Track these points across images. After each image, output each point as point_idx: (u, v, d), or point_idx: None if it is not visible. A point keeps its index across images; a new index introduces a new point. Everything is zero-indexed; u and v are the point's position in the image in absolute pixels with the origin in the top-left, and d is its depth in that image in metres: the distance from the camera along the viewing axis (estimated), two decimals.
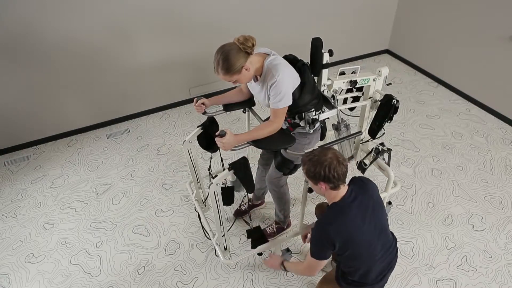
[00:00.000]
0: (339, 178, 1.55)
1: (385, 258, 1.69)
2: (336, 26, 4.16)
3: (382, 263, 1.68)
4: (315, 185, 1.60)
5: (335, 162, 1.53)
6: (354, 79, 2.23)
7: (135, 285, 2.30)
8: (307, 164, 1.58)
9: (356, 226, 1.56)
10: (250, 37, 1.69)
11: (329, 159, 1.53)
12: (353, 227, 1.56)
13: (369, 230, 1.60)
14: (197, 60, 3.66)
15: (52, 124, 3.42)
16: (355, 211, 1.57)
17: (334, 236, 1.54)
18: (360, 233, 1.57)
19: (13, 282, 2.35)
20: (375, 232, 1.62)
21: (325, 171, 1.52)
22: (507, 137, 3.35)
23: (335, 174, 1.52)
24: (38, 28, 2.89)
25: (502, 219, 2.63)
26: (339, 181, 1.56)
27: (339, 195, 1.60)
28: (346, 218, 1.56)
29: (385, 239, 1.69)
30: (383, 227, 1.67)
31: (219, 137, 1.75)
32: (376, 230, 1.62)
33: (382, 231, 1.66)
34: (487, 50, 3.48)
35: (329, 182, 1.55)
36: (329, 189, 1.58)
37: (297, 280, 2.29)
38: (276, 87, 1.74)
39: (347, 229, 1.55)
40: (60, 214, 2.78)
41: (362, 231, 1.58)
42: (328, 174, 1.52)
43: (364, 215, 1.59)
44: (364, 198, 1.61)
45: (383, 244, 1.67)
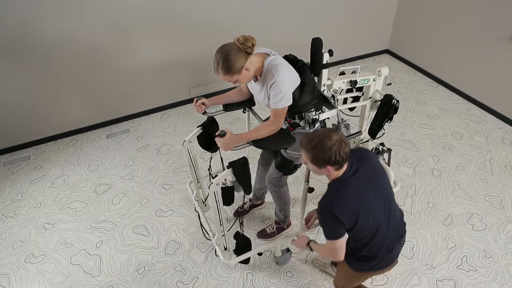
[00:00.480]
0: (346, 159, 1.52)
1: (392, 228, 1.66)
2: (336, 26, 4.16)
3: (390, 234, 1.66)
4: (319, 169, 1.55)
5: (343, 144, 1.49)
6: (354, 79, 2.23)
7: (135, 285, 2.30)
8: (311, 151, 1.51)
9: (360, 198, 1.54)
10: (250, 37, 1.69)
11: (336, 143, 1.48)
12: (357, 199, 1.54)
13: (374, 199, 1.57)
14: (197, 60, 3.66)
15: (52, 124, 3.42)
16: (357, 184, 1.55)
17: (340, 215, 1.51)
18: (364, 204, 1.55)
19: (13, 282, 2.35)
20: (380, 201, 1.59)
21: (335, 156, 1.48)
22: (507, 137, 3.35)
23: (344, 156, 1.49)
24: (38, 28, 2.89)
25: (502, 219, 2.63)
26: (345, 161, 1.53)
27: (341, 172, 1.57)
28: (348, 193, 1.54)
29: (391, 208, 1.65)
30: (388, 195, 1.64)
31: (219, 137, 1.75)
32: (381, 199, 1.60)
33: (387, 200, 1.63)
34: (487, 50, 3.47)
35: (336, 165, 1.51)
36: (333, 170, 1.55)
37: (297, 280, 2.29)
38: (276, 87, 1.74)
39: (351, 204, 1.53)
40: (60, 214, 2.78)
41: (367, 200, 1.55)
42: (338, 158, 1.49)
43: (368, 185, 1.57)
44: (365, 168, 1.59)
45: (389, 214, 1.64)
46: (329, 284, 2.27)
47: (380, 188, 1.61)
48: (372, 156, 1.66)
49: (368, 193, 1.56)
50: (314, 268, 2.36)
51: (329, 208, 1.53)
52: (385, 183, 1.64)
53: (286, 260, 2.38)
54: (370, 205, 1.56)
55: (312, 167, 1.57)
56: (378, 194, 1.59)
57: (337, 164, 1.51)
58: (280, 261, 2.35)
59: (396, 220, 1.69)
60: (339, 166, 1.52)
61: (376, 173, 1.62)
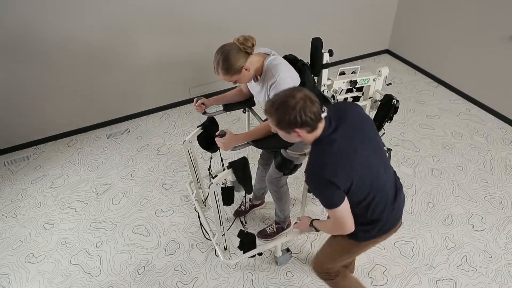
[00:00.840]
0: (316, 119, 1.35)
1: (391, 181, 1.54)
2: (336, 26, 4.16)
3: (390, 188, 1.53)
4: (288, 135, 1.40)
5: (308, 102, 1.33)
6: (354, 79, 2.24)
7: (135, 285, 2.30)
8: (275, 114, 1.36)
9: (348, 155, 1.39)
10: (250, 37, 1.69)
11: (300, 102, 1.32)
12: (345, 157, 1.39)
13: (364, 152, 1.43)
14: (197, 60, 3.66)
15: (52, 124, 3.42)
16: (340, 141, 1.40)
17: (332, 176, 1.36)
18: (355, 160, 1.40)
19: (13, 282, 2.35)
20: (371, 152, 1.46)
21: (301, 116, 1.32)
22: (507, 137, 3.35)
23: (312, 115, 1.33)
24: (37, 28, 2.89)
25: (502, 219, 2.63)
26: (317, 122, 1.37)
27: (318, 132, 1.41)
28: (333, 150, 1.38)
29: (384, 158, 1.52)
30: (377, 143, 1.51)
31: (219, 137, 1.75)
32: (372, 149, 1.46)
33: (378, 149, 1.50)
34: (487, 50, 3.48)
35: (305, 126, 1.35)
36: (306, 133, 1.39)
37: (297, 280, 2.29)
38: (276, 87, 1.75)
39: (340, 162, 1.38)
40: (60, 214, 2.78)
41: (357, 155, 1.41)
42: (305, 119, 1.32)
43: (352, 139, 1.42)
44: (346, 124, 1.44)
45: (384, 164, 1.51)
46: None
47: (367, 138, 1.47)
48: (352, 108, 1.51)
49: (355, 149, 1.41)
50: None
51: (319, 173, 1.37)
52: (371, 132, 1.49)
53: (286, 260, 2.38)
54: (362, 161, 1.42)
55: (282, 133, 1.42)
56: (366, 146, 1.45)
57: (306, 126, 1.35)
58: (280, 261, 2.36)
59: (392, 170, 1.56)
60: (309, 127, 1.36)
61: (359, 123, 1.46)
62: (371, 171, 1.45)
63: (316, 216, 2.68)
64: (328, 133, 1.40)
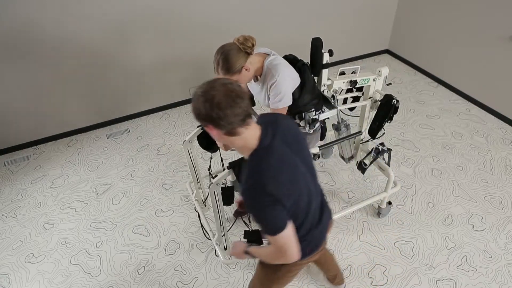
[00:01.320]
0: (239, 121, 1.15)
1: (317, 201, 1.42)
2: (336, 26, 4.16)
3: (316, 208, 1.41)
4: (206, 127, 1.23)
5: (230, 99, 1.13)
6: (354, 79, 2.23)
7: (135, 285, 2.30)
8: (193, 100, 1.19)
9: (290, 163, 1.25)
10: (250, 37, 1.69)
11: (217, 95, 1.13)
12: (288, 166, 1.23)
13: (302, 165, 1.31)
14: (197, 60, 3.66)
15: (52, 124, 3.42)
16: (281, 148, 1.24)
17: (276, 190, 1.16)
18: (297, 170, 1.27)
19: (13, 282, 2.35)
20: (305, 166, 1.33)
21: (219, 111, 1.12)
22: (507, 137, 3.35)
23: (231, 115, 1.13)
24: (38, 28, 2.89)
25: (502, 219, 2.63)
26: (239, 125, 1.17)
27: (252, 139, 1.22)
28: (276, 159, 1.21)
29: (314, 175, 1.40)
30: (310, 158, 1.38)
31: None
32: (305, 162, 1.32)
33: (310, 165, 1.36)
34: (487, 50, 3.47)
35: (220, 127, 1.16)
36: (225, 134, 1.20)
37: (297, 280, 2.29)
38: (276, 87, 1.75)
39: (285, 175, 1.21)
40: (60, 214, 2.78)
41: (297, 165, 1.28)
42: (222, 115, 1.13)
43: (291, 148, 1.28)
44: (281, 132, 1.28)
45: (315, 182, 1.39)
46: (330, 284, 2.27)
47: (302, 152, 1.33)
48: (285, 118, 1.36)
49: (296, 161, 1.27)
50: (314, 268, 2.36)
51: (261, 188, 1.15)
52: (303, 145, 1.36)
53: None
54: (301, 175, 1.28)
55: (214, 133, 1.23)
56: (302, 160, 1.31)
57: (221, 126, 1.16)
58: None
59: (320, 188, 1.46)
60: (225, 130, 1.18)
61: (294, 135, 1.32)
62: (307, 188, 1.31)
63: None
64: (267, 142, 1.22)
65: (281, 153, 1.23)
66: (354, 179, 2.98)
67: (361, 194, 2.85)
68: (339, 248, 2.46)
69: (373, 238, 2.52)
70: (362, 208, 2.71)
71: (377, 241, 2.50)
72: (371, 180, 2.96)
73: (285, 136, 1.28)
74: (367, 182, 2.95)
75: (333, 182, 2.95)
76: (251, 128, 1.21)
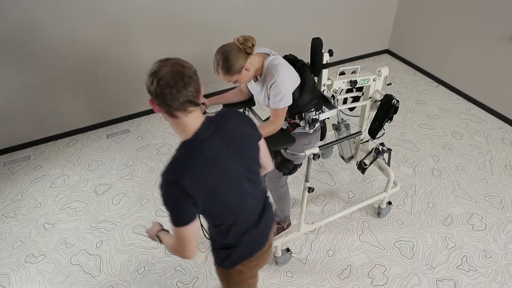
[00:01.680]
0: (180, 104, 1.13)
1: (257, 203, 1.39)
2: (336, 26, 4.16)
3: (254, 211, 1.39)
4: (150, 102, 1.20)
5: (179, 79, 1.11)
6: (354, 79, 2.23)
7: (135, 285, 2.30)
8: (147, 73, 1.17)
9: (219, 165, 1.20)
10: (250, 37, 1.69)
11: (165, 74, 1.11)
12: (213, 168, 1.19)
13: (237, 166, 1.25)
14: (197, 60, 3.62)
15: (52, 124, 3.42)
16: (214, 147, 1.20)
17: (191, 186, 1.13)
18: (224, 172, 1.22)
19: (13, 282, 2.35)
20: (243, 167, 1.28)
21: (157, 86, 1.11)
22: (507, 137, 3.35)
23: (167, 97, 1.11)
24: (38, 28, 2.89)
25: (502, 219, 2.63)
26: (171, 107, 1.14)
27: (189, 128, 1.19)
28: (202, 157, 1.17)
29: (255, 177, 1.35)
30: (252, 159, 1.33)
31: None
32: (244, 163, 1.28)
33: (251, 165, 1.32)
34: (487, 50, 3.47)
35: (160, 104, 1.14)
36: (164, 113, 1.17)
37: (297, 280, 2.29)
38: (276, 87, 1.75)
39: (205, 172, 1.17)
40: (60, 214, 2.78)
41: (227, 168, 1.23)
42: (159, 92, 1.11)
43: (228, 147, 1.23)
44: (227, 128, 1.25)
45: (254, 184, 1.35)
46: (329, 284, 2.27)
47: (245, 153, 1.28)
48: (237, 115, 1.31)
49: (228, 162, 1.23)
50: (314, 268, 2.36)
51: (175, 178, 1.13)
52: (252, 148, 1.32)
53: (286, 260, 2.38)
54: (231, 178, 1.23)
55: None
56: (239, 160, 1.26)
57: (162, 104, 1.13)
58: (280, 261, 2.35)
59: (260, 188, 1.41)
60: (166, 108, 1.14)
61: (241, 135, 1.28)
62: (238, 191, 1.28)
63: (314, 219, 2.68)
64: (203, 137, 1.19)
65: (213, 151, 1.20)
66: (354, 179, 2.98)
67: (361, 194, 2.85)
68: (339, 248, 2.47)
69: (373, 238, 2.52)
70: (362, 208, 2.71)
71: (377, 241, 2.50)
72: (371, 180, 2.96)
73: (229, 134, 1.24)
74: (367, 182, 2.95)
75: (333, 182, 2.95)
76: (191, 117, 1.18)
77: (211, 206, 1.23)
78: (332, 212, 2.71)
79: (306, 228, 2.35)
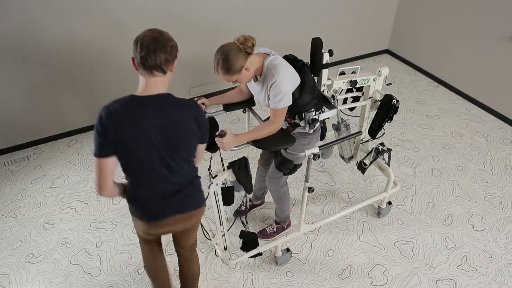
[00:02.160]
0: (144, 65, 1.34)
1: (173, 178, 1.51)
2: (336, 26, 4.16)
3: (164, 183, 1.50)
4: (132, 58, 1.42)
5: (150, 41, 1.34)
6: (354, 79, 2.23)
7: (135, 285, 2.30)
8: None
9: (137, 121, 1.35)
10: (250, 37, 1.69)
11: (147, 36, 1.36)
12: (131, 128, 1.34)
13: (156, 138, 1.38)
14: (197, 60, 3.66)
15: (52, 124, 3.42)
16: (148, 109, 1.36)
17: (109, 128, 1.32)
18: (138, 143, 1.37)
19: (13, 282, 2.35)
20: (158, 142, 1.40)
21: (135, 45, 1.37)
22: (507, 137, 3.35)
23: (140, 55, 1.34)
24: (38, 28, 2.89)
25: (502, 219, 2.63)
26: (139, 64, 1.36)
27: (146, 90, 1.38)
28: (127, 105, 1.34)
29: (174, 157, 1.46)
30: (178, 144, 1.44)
31: (219, 137, 1.75)
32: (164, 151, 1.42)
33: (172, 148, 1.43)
34: (487, 50, 3.48)
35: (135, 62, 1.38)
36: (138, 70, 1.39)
37: (297, 280, 2.29)
38: (276, 87, 1.75)
39: (124, 119, 1.33)
40: (60, 214, 2.78)
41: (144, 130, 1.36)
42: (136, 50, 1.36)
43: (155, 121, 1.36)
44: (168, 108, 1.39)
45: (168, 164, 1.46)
46: (329, 284, 2.27)
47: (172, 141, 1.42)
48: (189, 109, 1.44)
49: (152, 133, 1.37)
50: (314, 268, 2.36)
51: (103, 113, 1.33)
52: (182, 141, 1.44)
53: (286, 260, 2.38)
54: (145, 147, 1.38)
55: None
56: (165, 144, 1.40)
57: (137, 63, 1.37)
58: (280, 261, 2.36)
59: (176, 181, 1.53)
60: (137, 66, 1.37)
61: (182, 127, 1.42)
62: (147, 165, 1.43)
63: (314, 219, 2.69)
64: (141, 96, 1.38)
65: (140, 110, 1.35)
66: (354, 179, 2.98)
67: (361, 194, 2.85)
68: (339, 248, 2.47)
69: (373, 238, 2.52)
70: (362, 208, 2.71)
71: (377, 241, 2.50)
72: (371, 180, 2.96)
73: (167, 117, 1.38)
74: (367, 182, 2.95)
75: (333, 182, 2.95)
76: (153, 80, 1.38)
77: (120, 159, 1.41)
78: (332, 212, 2.71)
79: (306, 228, 2.36)
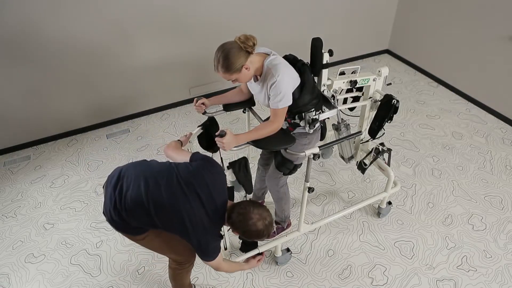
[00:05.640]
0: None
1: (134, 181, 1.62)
2: (336, 26, 4.16)
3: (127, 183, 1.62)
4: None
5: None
6: (354, 79, 2.23)
7: (135, 285, 2.30)
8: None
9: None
10: (251, 36, 1.68)
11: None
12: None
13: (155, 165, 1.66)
14: (197, 60, 3.66)
15: (52, 124, 3.42)
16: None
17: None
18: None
19: (13, 282, 2.35)
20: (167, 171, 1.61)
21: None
22: (507, 137, 3.35)
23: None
24: (37, 28, 2.89)
25: (502, 219, 2.63)
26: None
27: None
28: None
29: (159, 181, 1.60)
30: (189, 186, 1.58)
31: (219, 137, 1.75)
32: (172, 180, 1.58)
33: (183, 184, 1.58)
34: (487, 50, 3.48)
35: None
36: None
37: (297, 280, 2.29)
38: (276, 87, 1.74)
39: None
40: (60, 214, 2.78)
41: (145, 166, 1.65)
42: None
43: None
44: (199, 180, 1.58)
45: (165, 186, 1.58)
46: (329, 284, 2.27)
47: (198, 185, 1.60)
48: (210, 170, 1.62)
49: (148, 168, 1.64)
50: (314, 268, 2.36)
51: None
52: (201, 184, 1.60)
53: (286, 260, 2.38)
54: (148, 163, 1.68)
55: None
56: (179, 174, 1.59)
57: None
58: (280, 261, 2.36)
59: (168, 193, 1.60)
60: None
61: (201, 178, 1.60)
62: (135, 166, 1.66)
63: (314, 219, 2.69)
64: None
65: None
66: (354, 179, 2.98)
67: (361, 194, 2.85)
68: (339, 248, 2.47)
69: (373, 238, 2.52)
70: (362, 208, 2.72)
71: (377, 241, 2.50)
72: (371, 180, 2.96)
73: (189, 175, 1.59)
74: (367, 182, 2.95)
75: (333, 182, 2.95)
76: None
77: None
78: (332, 212, 2.71)
79: (306, 228, 2.36)
